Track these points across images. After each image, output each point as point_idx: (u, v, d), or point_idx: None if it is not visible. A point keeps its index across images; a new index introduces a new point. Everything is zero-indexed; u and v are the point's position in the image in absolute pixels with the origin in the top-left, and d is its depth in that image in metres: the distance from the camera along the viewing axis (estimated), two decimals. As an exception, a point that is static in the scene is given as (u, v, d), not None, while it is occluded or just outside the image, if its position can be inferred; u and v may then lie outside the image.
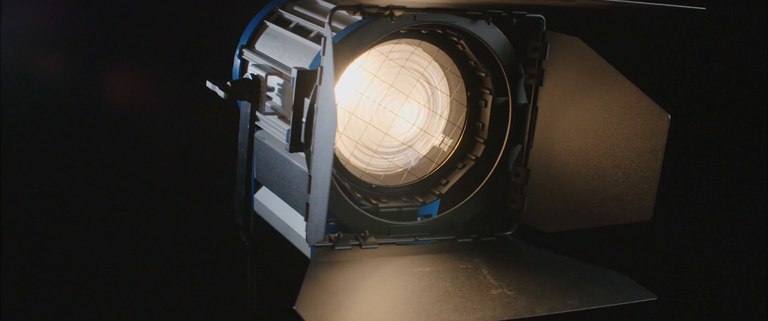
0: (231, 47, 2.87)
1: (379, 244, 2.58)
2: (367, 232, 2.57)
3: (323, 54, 2.27)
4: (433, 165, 2.77)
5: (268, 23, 2.86)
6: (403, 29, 2.53)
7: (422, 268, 2.50)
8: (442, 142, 2.76)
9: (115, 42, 2.83)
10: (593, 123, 2.52)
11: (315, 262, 2.44)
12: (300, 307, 2.17)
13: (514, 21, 2.57)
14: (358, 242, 2.56)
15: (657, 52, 2.50)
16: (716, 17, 2.38)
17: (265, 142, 2.67)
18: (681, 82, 2.54)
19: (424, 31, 2.60)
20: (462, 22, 2.54)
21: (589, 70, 2.50)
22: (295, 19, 2.79)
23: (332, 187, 2.50)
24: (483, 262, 2.56)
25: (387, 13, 2.40)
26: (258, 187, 2.90)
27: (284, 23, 2.82)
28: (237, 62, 2.88)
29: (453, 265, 2.52)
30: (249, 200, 2.79)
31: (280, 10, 2.87)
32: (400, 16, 2.42)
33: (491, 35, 2.59)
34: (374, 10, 2.40)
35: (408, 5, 2.40)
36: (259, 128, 2.75)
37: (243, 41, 2.88)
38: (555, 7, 2.52)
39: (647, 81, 2.35)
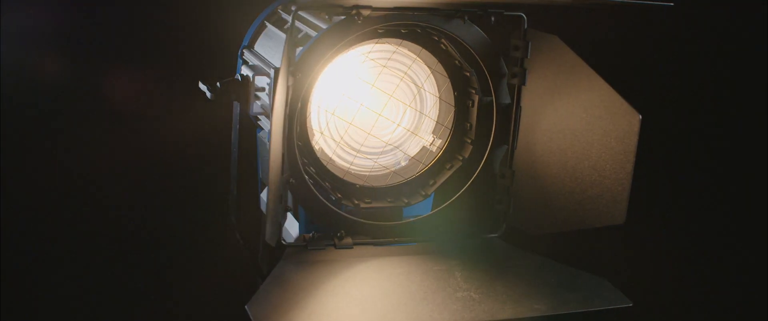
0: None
1: (356, 244, 2.57)
2: (342, 232, 2.55)
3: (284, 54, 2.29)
4: (421, 165, 2.74)
5: (267, 24, 2.88)
6: (380, 28, 2.51)
7: (394, 270, 2.48)
8: (431, 142, 2.73)
9: (121, 43, 2.89)
10: (571, 123, 2.46)
11: (284, 262, 2.45)
12: (251, 306, 2.19)
13: (492, 19, 2.52)
14: (332, 242, 2.55)
15: (626, 49, 2.41)
16: (684, 12, 2.29)
17: (266, 141, 2.69)
18: (651, 80, 2.45)
19: (403, 31, 2.57)
20: (436, 21, 2.51)
21: (567, 69, 2.44)
22: (290, 19, 2.79)
23: (305, 187, 2.51)
24: (459, 265, 2.52)
25: (353, 12, 2.39)
26: (263, 186, 2.93)
27: (281, 24, 2.83)
28: (239, 63, 2.91)
29: (427, 267, 2.49)
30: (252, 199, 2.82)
31: (279, 10, 2.89)
32: (369, 15, 2.40)
33: (470, 34, 2.55)
34: (340, 10, 2.40)
35: (374, 5, 2.38)
36: (262, 128, 2.77)
37: (245, 42, 2.91)
38: (527, 5, 2.46)
39: (620, 80, 2.28)
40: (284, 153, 2.42)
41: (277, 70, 2.41)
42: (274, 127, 2.07)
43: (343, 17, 2.40)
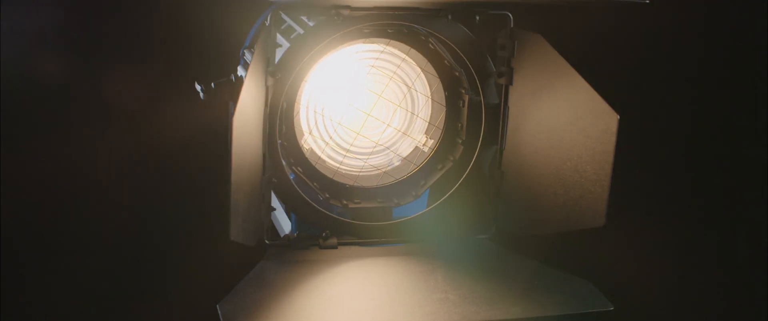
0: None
1: (341, 244, 2.56)
2: (328, 232, 2.55)
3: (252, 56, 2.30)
4: (412, 166, 2.72)
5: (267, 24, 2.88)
6: (365, 28, 2.51)
7: (375, 271, 2.47)
8: (424, 143, 2.71)
9: (125, 44, 2.92)
10: (554, 123, 2.42)
11: (265, 261, 2.46)
12: (222, 305, 2.20)
13: (477, 18, 2.50)
14: (317, 242, 2.55)
15: (607, 47, 2.37)
16: (659, 10, 2.24)
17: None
18: (627, 79, 2.40)
19: (389, 30, 2.56)
20: (419, 21, 2.49)
21: (550, 69, 2.41)
22: (288, 20, 2.80)
23: (289, 186, 2.52)
24: (443, 266, 2.50)
25: (332, 12, 2.39)
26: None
27: (279, 24, 2.83)
28: (241, 63, 2.92)
29: (409, 268, 2.48)
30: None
31: (279, 11, 2.89)
32: (348, 15, 2.40)
33: (455, 33, 2.53)
34: (318, 11, 2.40)
35: (353, 4, 2.38)
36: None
37: (246, 42, 2.92)
38: (510, 3, 2.43)
39: (601, 79, 2.24)
40: (265, 152, 2.43)
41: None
42: (235, 129, 2.07)
43: (308, 19, 2.41)
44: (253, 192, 2.36)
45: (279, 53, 2.45)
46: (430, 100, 2.69)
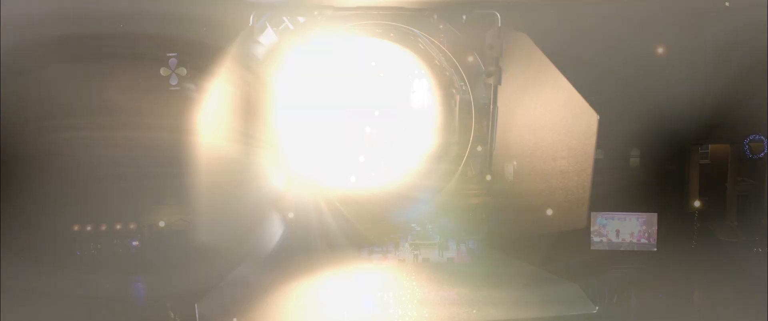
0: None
1: (332, 247, 2.57)
2: (316, 234, 2.56)
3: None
4: (407, 167, 2.72)
5: (268, 25, 2.89)
6: (354, 28, 2.51)
7: (362, 273, 2.48)
8: (419, 144, 2.71)
9: (121, 43, 2.95)
10: (540, 123, 2.40)
11: (251, 261, 2.47)
12: (201, 304, 2.22)
13: (464, 17, 2.48)
14: (309, 245, 2.56)
15: (587, 46, 2.33)
16: (641, 8, 2.21)
17: None
18: (606, 78, 2.36)
19: (378, 30, 2.55)
20: (405, 21, 2.48)
21: (535, 68, 2.38)
22: (285, 21, 2.81)
23: (279, 189, 2.53)
24: (430, 267, 2.50)
25: (316, 13, 2.40)
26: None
27: (277, 24, 2.85)
28: (242, 64, 2.93)
29: (396, 270, 2.48)
30: None
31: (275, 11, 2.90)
32: (332, 16, 2.40)
33: (442, 33, 2.51)
34: (302, 12, 2.41)
35: (337, 5, 2.38)
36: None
37: (247, 43, 2.93)
38: (489, 2, 2.41)
39: (580, 79, 2.21)
40: (250, 154, 2.44)
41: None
42: (203, 130, 2.08)
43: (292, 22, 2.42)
44: (236, 193, 2.37)
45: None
46: (422, 100, 2.67)
